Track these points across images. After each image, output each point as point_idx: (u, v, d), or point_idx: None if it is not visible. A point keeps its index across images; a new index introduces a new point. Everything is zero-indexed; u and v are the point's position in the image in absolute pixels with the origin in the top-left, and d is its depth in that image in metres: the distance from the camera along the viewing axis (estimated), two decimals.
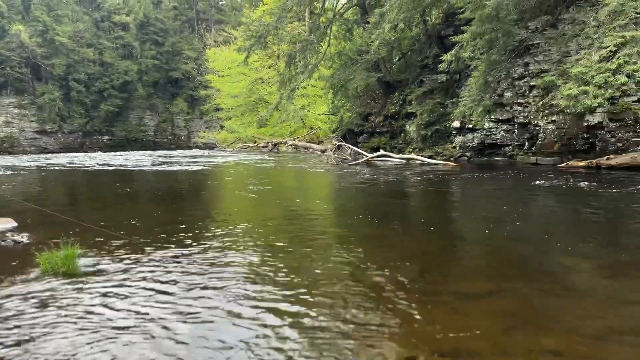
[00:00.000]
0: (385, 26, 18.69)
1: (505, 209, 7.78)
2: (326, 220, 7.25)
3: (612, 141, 14.34)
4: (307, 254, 4.72)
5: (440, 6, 21.67)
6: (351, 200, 9.48)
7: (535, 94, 16.41)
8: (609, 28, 13.38)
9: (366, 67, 23.59)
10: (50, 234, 5.48)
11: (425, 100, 22.08)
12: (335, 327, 2.91)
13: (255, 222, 6.57)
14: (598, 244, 5.13)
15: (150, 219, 6.86)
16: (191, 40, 63.63)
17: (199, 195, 10.96)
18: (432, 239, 5.37)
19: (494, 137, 18.68)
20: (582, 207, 7.47)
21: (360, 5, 25.54)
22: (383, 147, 22.81)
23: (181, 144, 58.15)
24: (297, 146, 34.19)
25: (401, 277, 3.90)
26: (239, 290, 3.60)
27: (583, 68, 12.89)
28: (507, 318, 3.08)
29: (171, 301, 3.38)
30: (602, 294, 3.54)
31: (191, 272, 4.05)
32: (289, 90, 26.88)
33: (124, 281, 3.82)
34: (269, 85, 40.05)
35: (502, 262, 4.50)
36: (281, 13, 24.60)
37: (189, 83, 61.82)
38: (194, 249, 4.82)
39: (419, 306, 3.25)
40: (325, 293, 3.53)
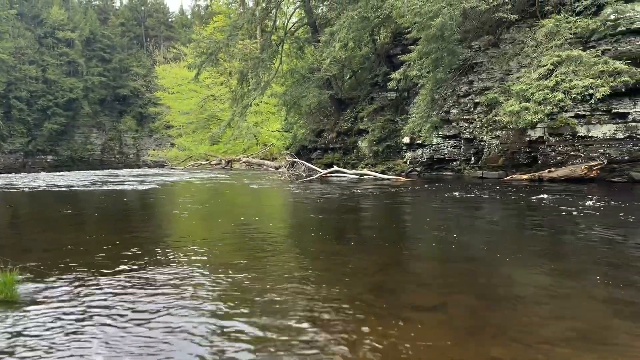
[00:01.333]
0: (336, 45, 19.01)
1: (453, 222, 7.99)
2: (280, 237, 7.19)
3: (552, 155, 15.10)
4: (259, 271, 4.65)
5: (388, 26, 22.30)
6: (305, 217, 9.46)
7: (480, 111, 17.10)
8: (546, 47, 14.17)
9: (318, 85, 23.86)
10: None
11: (376, 117, 22.54)
12: (285, 342, 2.87)
13: (206, 242, 6.42)
14: (541, 255, 5.34)
15: (95, 242, 6.58)
16: (140, 56, 62.42)
17: (147, 215, 10.63)
18: (384, 254, 5.43)
19: (442, 152, 19.27)
20: (526, 219, 7.78)
21: (310, 24, 25.90)
22: (336, 163, 23.02)
23: (130, 163, 56.52)
24: (250, 163, 33.94)
25: (353, 292, 3.91)
26: (187, 311, 3.49)
27: (523, 85, 13.55)
28: (456, 329, 3.13)
29: (116, 327, 3.23)
30: (545, 303, 3.67)
31: (138, 297, 3.89)
32: (241, 107, 26.76)
33: (66, 308, 3.62)
34: (221, 102, 39.71)
35: (451, 275, 4.59)
36: (232, 30, 24.57)
37: (138, 100, 60.47)
38: (141, 272, 4.64)
39: (370, 320, 3.26)
40: (277, 309, 3.48)
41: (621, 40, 14.03)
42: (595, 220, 7.38)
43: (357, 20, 18.55)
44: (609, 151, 14.19)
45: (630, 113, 13.87)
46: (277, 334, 3.05)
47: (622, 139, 14.03)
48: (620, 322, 3.18)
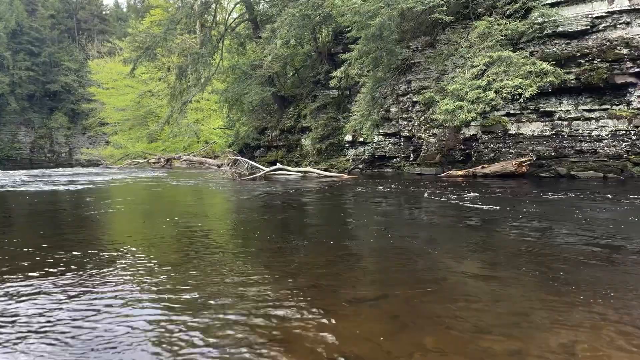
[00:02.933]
0: (277, 42, 18.94)
1: (394, 218, 8.19)
2: (222, 236, 7.07)
3: (485, 151, 15.82)
4: (200, 270, 4.55)
5: (330, 24, 22.47)
6: (248, 215, 9.36)
7: (418, 109, 17.62)
8: (479, 48, 14.79)
9: (260, 82, 23.67)
10: None
11: (319, 115, 22.68)
12: (225, 339, 2.82)
13: (145, 243, 6.21)
14: (474, 247, 5.57)
15: (22, 245, 6.18)
16: (72, 50, 59.26)
17: (81, 217, 10.11)
18: (327, 250, 5.47)
19: (383, 149, 19.69)
20: (461, 213, 8.09)
21: (251, 20, 25.63)
22: (280, 160, 22.96)
23: (62, 162, 53.63)
24: (191, 161, 33.12)
25: (295, 288, 3.91)
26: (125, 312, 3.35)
27: (458, 85, 14.09)
28: (393, 321, 3.20)
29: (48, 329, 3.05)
30: (477, 293, 3.83)
31: (72, 299, 3.69)
32: (180, 103, 26.08)
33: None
34: (159, 99, 38.49)
35: (390, 268, 4.69)
36: (170, 25, 23.87)
37: (70, 96, 57.46)
38: (75, 275, 4.41)
39: (310, 315, 3.27)
40: (218, 306, 3.42)
41: (547, 43, 14.91)
42: (524, 213, 7.80)
43: (298, 17, 18.56)
44: (537, 148, 15.05)
45: (556, 112, 14.78)
46: (216, 331, 3.00)
47: (549, 137, 14.93)
48: (544, 309, 3.37)
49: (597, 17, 14.30)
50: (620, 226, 6.54)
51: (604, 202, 8.85)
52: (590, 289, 3.78)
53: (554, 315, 3.24)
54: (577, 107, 14.46)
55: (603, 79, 13.79)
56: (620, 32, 13.96)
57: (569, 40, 14.70)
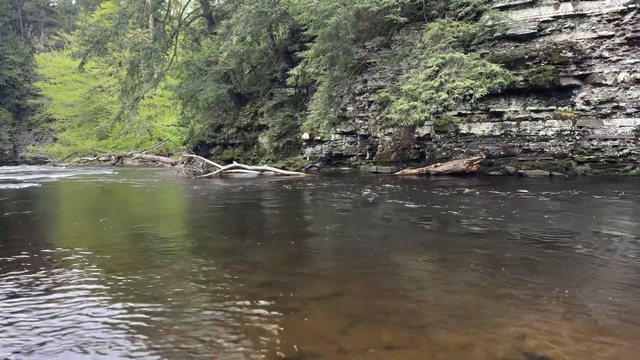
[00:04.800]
0: (233, 38, 18.71)
1: (349, 216, 8.27)
2: (175, 236, 6.92)
3: (438, 150, 16.21)
4: (151, 271, 4.43)
5: (286, 22, 22.39)
6: (202, 215, 9.20)
7: (374, 109, 17.85)
8: (432, 50, 15.13)
9: (216, 78, 23.32)
10: None
11: (276, 113, 22.58)
12: (177, 338, 2.76)
13: (96, 245, 5.98)
14: (425, 246, 5.69)
15: None
16: (16, 43, 56.35)
17: (26, 218, 9.64)
18: (281, 249, 5.45)
19: (339, 148, 19.83)
20: (413, 212, 8.26)
21: (206, 16, 25.21)
22: (237, 159, 22.69)
23: (6, 159, 50.98)
24: (144, 159, 32.22)
25: (249, 287, 3.87)
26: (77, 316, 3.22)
27: (412, 85, 14.36)
28: (347, 318, 3.23)
29: None
30: (429, 289, 3.92)
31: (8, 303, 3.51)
32: (132, 99, 25.34)
33: None
34: (110, 94, 37.26)
35: (344, 266, 4.73)
36: (121, 19, 23.13)
37: (14, 91, 54.67)
38: (13, 277, 4.19)
39: (264, 314, 3.25)
40: (170, 306, 3.34)
41: (497, 45, 15.43)
42: (474, 210, 8.05)
43: (254, 14, 18.41)
44: (487, 147, 15.56)
45: (505, 112, 15.33)
46: (168, 331, 2.93)
47: (499, 136, 15.46)
48: (493, 304, 3.48)
49: (543, 21, 14.92)
50: (565, 221, 6.86)
51: (550, 199, 9.26)
52: (537, 282, 3.94)
53: (503, 309, 3.36)
54: (525, 108, 15.05)
55: (549, 81, 14.41)
56: (566, 36, 14.63)
57: (517, 43, 15.27)
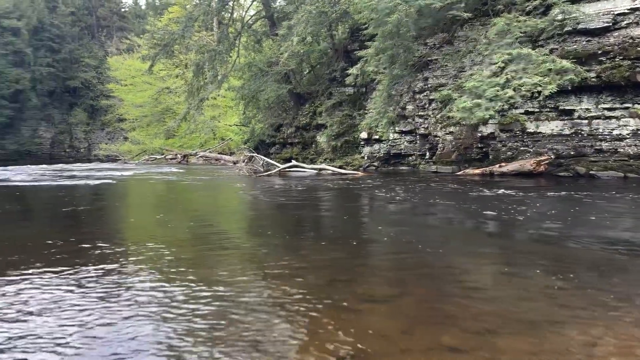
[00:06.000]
0: (294, 39, 18.95)
1: (409, 216, 8.15)
2: (237, 232, 7.12)
3: (503, 150, 15.64)
4: (214, 267, 4.58)
5: (346, 21, 22.40)
6: (262, 212, 9.41)
7: (434, 107, 17.48)
8: (497, 46, 14.60)
9: (276, 79, 23.73)
10: None
11: (334, 112, 22.65)
12: (234, 339, 2.84)
13: (159, 239, 6.27)
14: (491, 249, 5.51)
15: (42, 237, 6.29)
16: (91, 47, 60.08)
17: (98, 211, 10.26)
18: (340, 248, 5.46)
19: (398, 147, 19.58)
20: (477, 213, 8.01)
21: (268, 18, 25.69)
22: (295, 157, 22.99)
23: (81, 157, 54.41)
24: (208, 158, 33.36)
25: (310, 285, 3.92)
26: (135, 311, 3.39)
27: (476, 82, 13.93)
28: (408, 319, 3.19)
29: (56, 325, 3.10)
30: (493, 293, 3.79)
31: (82, 293, 3.75)
32: (197, 100, 26.29)
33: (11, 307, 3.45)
34: (176, 95, 38.84)
35: (404, 266, 4.68)
36: (187, 22, 24.05)
37: (89, 92, 58.28)
38: (87, 268, 4.48)
39: (325, 312, 3.27)
40: (234, 303, 3.44)
41: (568, 40, 14.66)
42: (542, 213, 7.70)
43: (315, 14, 18.55)
44: (556, 147, 14.83)
45: (575, 110, 14.54)
46: (230, 327, 3.02)
47: (568, 135, 14.69)
48: (561, 310, 3.32)
49: (619, 13, 14.00)
50: None
51: (626, 202, 8.69)
52: (608, 289, 3.72)
53: (572, 315, 3.19)
54: (597, 106, 14.20)
55: (624, 77, 13.51)
56: None
57: (589, 38, 14.43)
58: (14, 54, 51.99)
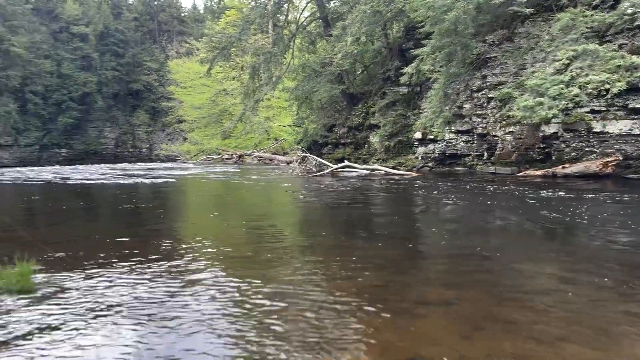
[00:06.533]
0: (348, 39, 18.94)
1: (465, 218, 7.93)
2: (291, 231, 7.20)
3: (566, 150, 14.91)
4: (269, 265, 4.65)
5: (401, 20, 22.14)
6: (316, 212, 9.46)
7: (493, 106, 16.93)
8: (561, 42, 13.96)
9: (330, 79, 23.80)
10: (3, 250, 5.23)
11: (388, 112, 22.42)
12: (296, 336, 2.86)
13: (218, 236, 6.45)
14: (555, 252, 5.27)
15: (109, 235, 6.63)
16: (152, 51, 62.70)
17: (160, 209, 10.70)
18: (395, 249, 5.40)
19: (454, 147, 19.11)
20: (539, 216, 7.68)
21: (322, 19, 25.82)
22: (347, 158, 22.97)
23: (143, 157, 56.84)
24: (262, 158, 33.98)
25: (364, 286, 3.89)
26: (200, 307, 3.50)
27: (538, 80, 13.37)
28: (467, 325, 3.10)
29: (124, 317, 3.25)
30: (556, 300, 3.62)
31: (151, 289, 3.91)
32: (252, 101, 26.83)
33: (80, 300, 3.66)
34: (232, 97, 39.79)
35: (462, 271, 4.55)
36: (244, 25, 24.60)
37: (151, 95, 60.82)
38: (155, 266, 4.67)
39: (380, 314, 3.24)
40: (289, 303, 3.48)
41: (638, 35, 13.77)
42: (608, 217, 7.28)
43: (369, 14, 18.46)
44: (624, 147, 13.97)
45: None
46: (283, 326, 3.05)
47: (638, 135, 13.80)
48: (628, 321, 3.13)
49: None
50: None
51: None
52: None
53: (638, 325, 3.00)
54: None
55: None
56: None
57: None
58: (82, 58, 55.14)
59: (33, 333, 3.00)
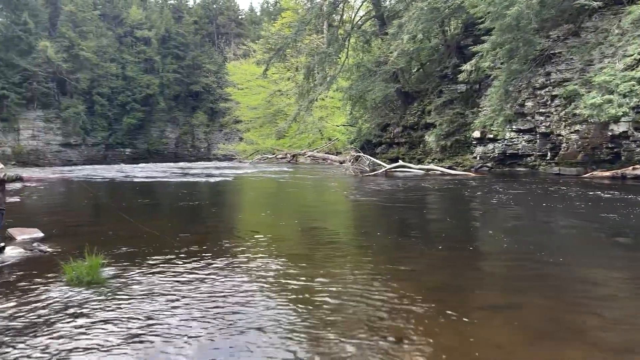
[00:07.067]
0: (404, 37, 18.67)
1: (526, 221, 7.62)
2: (345, 230, 7.20)
3: (637, 150, 14.00)
4: (324, 264, 4.67)
5: (459, 17, 21.56)
6: (370, 212, 9.41)
7: (558, 104, 16.16)
8: (633, 36, 13.12)
9: (384, 78, 23.55)
10: (73, 244, 5.57)
11: (444, 111, 21.92)
12: (354, 335, 2.85)
13: (275, 234, 6.55)
14: (624, 258, 4.97)
15: (172, 231, 6.89)
16: (211, 53, 64.60)
17: (218, 206, 11.02)
18: (453, 251, 5.28)
19: (515, 147, 18.40)
20: (607, 220, 7.25)
21: (378, 17, 25.62)
22: (402, 157, 22.66)
23: (201, 156, 58.69)
24: (315, 157, 34.19)
25: (422, 288, 3.83)
26: (264, 302, 3.57)
27: (607, 77, 12.64)
28: (529, 331, 2.98)
29: (191, 311, 3.36)
30: (624, 308, 3.41)
31: (211, 282, 4.04)
32: (307, 101, 27.02)
33: (145, 291, 3.83)
34: (287, 97, 40.29)
35: (523, 275, 4.39)
36: (300, 26, 24.81)
37: (209, 96, 62.71)
38: (216, 260, 4.82)
39: (440, 317, 3.18)
40: (348, 302, 3.47)
41: None
42: None
43: (426, 11, 18.11)
44: None
45: None
46: (341, 325, 3.05)
47: None
48: None
49: None
50: None
51: None
52: None
53: None
54: None
55: None
56: None
57: None
58: (145, 61, 57.75)
59: (102, 321, 3.16)
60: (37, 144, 46.67)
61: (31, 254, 5.30)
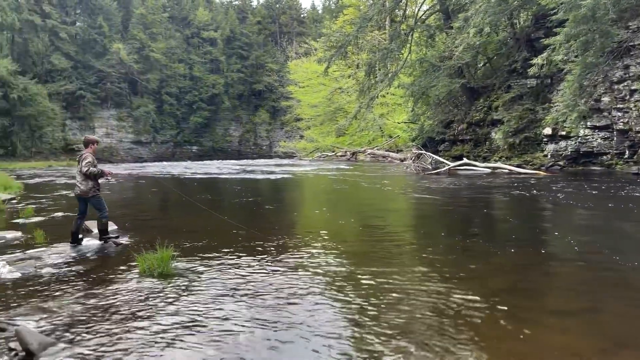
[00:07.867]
0: (470, 31, 18.11)
1: (601, 224, 7.15)
2: (404, 230, 7.09)
3: None
4: (384, 263, 4.62)
5: (530, 8, 20.59)
6: (433, 211, 9.20)
7: (637, 99, 15.08)
8: None
9: (449, 74, 22.94)
10: (145, 236, 5.87)
11: (513, 107, 21.03)
12: (417, 336, 2.80)
13: (334, 232, 6.57)
14: None
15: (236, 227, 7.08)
16: (274, 53, 65.77)
17: (278, 203, 11.20)
18: (522, 253, 5.04)
19: (589, 144, 17.35)
20: None
21: (443, 11, 25.00)
22: (466, 155, 22.00)
23: (263, 154, 60.02)
24: (375, 155, 33.93)
25: (489, 290, 3.70)
26: (326, 297, 3.58)
27: None
28: (607, 339, 2.80)
29: (253, 305, 3.43)
30: None
31: (276, 277, 4.10)
32: (368, 99, 26.84)
33: (212, 283, 3.96)
34: (348, 95, 40.27)
35: (598, 278, 4.12)
36: (362, 22, 24.67)
37: (271, 95, 63.91)
38: (279, 256, 4.90)
39: (509, 322, 3.05)
40: (412, 302, 3.41)
41: None
42: None
43: (494, 3, 17.45)
44: None
45: None
46: (402, 325, 2.99)
47: None
48: None
49: None
50: None
51: None
52: None
53: None
54: None
55: None
56: None
57: None
58: (211, 61, 59.82)
59: (173, 311, 3.30)
60: (110, 141, 49.58)
61: (106, 245, 5.63)
